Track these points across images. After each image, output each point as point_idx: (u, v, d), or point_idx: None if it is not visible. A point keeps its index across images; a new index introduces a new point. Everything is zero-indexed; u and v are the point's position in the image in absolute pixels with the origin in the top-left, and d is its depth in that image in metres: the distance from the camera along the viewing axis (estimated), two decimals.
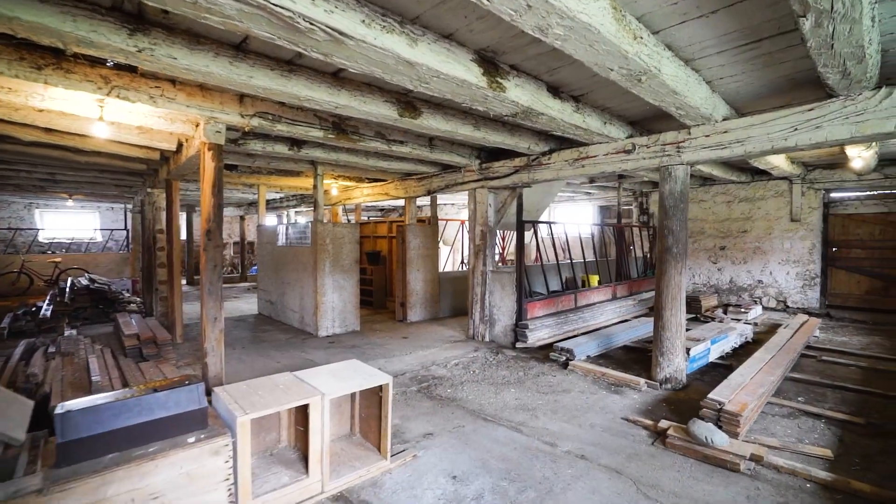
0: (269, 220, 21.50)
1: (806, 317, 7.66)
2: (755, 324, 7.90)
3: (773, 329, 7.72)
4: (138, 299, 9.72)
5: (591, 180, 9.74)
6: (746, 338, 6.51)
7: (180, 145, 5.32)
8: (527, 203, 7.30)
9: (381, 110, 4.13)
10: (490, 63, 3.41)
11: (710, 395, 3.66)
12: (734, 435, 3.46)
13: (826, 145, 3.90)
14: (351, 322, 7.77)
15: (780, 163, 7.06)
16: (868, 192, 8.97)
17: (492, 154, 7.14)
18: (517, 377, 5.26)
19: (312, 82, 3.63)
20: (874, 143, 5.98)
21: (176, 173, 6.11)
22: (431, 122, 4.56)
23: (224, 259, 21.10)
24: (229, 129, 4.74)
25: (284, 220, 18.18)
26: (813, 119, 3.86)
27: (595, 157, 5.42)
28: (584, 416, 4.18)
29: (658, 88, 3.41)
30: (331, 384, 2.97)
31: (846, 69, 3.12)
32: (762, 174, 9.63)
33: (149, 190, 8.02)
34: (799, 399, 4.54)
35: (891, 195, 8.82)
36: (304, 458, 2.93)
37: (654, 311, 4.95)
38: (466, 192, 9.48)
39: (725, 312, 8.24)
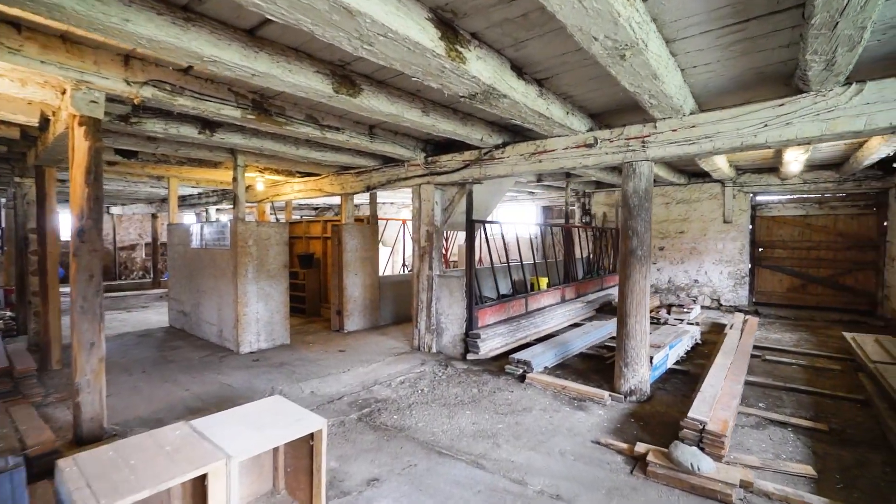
0: (188, 218, 19.38)
1: (743, 315, 7.88)
2: (697, 323, 8.00)
3: (715, 329, 7.86)
4: (9, 313, 7.99)
5: (539, 179, 9.48)
6: (696, 340, 6.47)
7: (46, 120, 4.15)
8: (475, 201, 6.79)
9: (311, 83, 3.36)
10: (448, 27, 2.79)
11: (690, 414, 3.32)
12: (718, 458, 3.13)
13: (794, 143, 3.73)
14: (279, 335, 6.80)
15: (722, 164, 7.15)
16: (789, 196, 9.53)
17: (439, 147, 6.54)
18: (471, 395, 4.70)
19: (220, 38, 2.80)
20: (809, 147, 6.14)
21: (47, 157, 4.85)
22: (373, 103, 3.86)
23: (134, 262, 18.76)
24: (113, 100, 3.71)
25: (204, 219, 16.41)
26: (783, 115, 3.67)
27: (553, 151, 5.00)
28: (551, 440, 3.70)
29: (639, 69, 2.98)
30: (242, 438, 2.19)
31: (833, 58, 2.87)
32: (698, 176, 9.92)
33: (17, 179, 6.50)
34: (760, 405, 4.40)
35: (808, 199, 9.44)
36: None
37: (618, 318, 4.62)
38: (410, 189, 8.82)
39: (669, 312, 8.29)
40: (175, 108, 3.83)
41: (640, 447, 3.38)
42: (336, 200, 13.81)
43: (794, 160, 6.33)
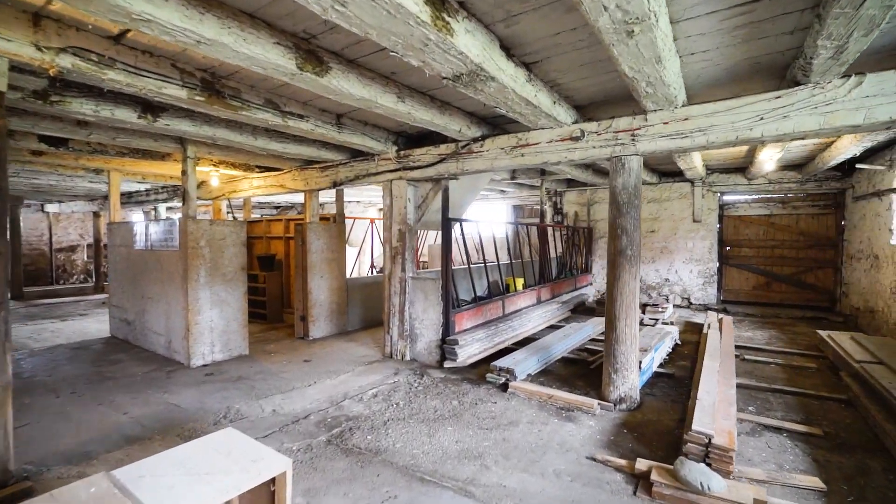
0: (137, 217, 18.00)
1: (717, 314, 7.90)
2: (672, 322, 7.97)
3: (689, 328, 7.84)
4: None
5: (513, 177, 9.24)
6: (675, 340, 6.37)
7: None
8: (450, 198, 6.42)
9: (271, 57, 2.88)
10: None
11: (694, 427, 3.07)
12: (726, 474, 2.90)
13: (791, 137, 3.58)
14: (236, 344, 6.18)
15: (698, 163, 7.11)
16: (755, 196, 9.72)
17: (411, 140, 6.13)
18: (452, 408, 4.32)
19: None
20: (784, 146, 6.15)
21: None
22: (343, 85, 3.41)
23: (75, 266, 17.24)
24: (23, 70, 3.08)
25: (153, 218, 15.23)
26: (780, 108, 3.51)
27: (537, 144, 4.70)
28: (544, 458, 3.37)
29: (644, 51, 2.70)
30: (181, 492, 1.72)
31: (845, 44, 2.69)
32: (668, 176, 9.97)
33: None
34: (750, 409, 4.26)
35: (772, 199, 9.66)
36: None
37: (606, 321, 4.37)
38: (376, 187, 8.36)
39: (644, 312, 8.22)
40: (105, 84, 3.23)
41: (641, 464, 3.11)
42: (299, 198, 13.11)
43: (769, 159, 6.34)
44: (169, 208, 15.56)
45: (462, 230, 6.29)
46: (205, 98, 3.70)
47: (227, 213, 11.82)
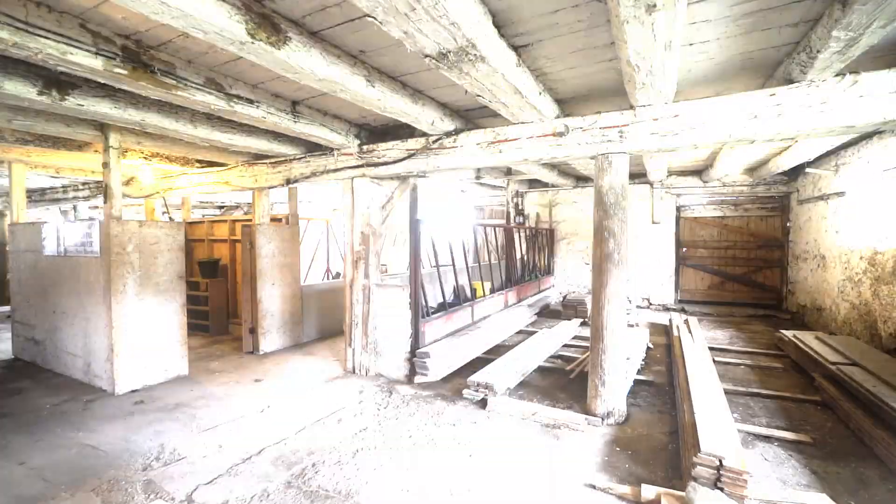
0: (54, 217, 16.00)
1: (680, 315, 7.97)
2: (637, 325, 7.95)
3: (654, 329, 7.83)
4: None
5: (477, 176, 8.91)
6: (648, 345, 6.27)
7: None
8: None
9: (213, 17, 2.30)
10: None
11: (704, 449, 2.82)
12: (740, 499, 2.66)
13: (782, 136, 3.44)
14: (174, 364, 5.37)
15: (665, 165, 7.09)
16: (709, 198, 10.00)
17: (374, 134, 5.61)
18: (428, 434, 3.86)
19: None
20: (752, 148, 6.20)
21: None
22: (305, 61, 2.87)
23: None
24: None
25: (74, 219, 13.56)
26: (774, 106, 3.36)
27: (516, 139, 4.35)
28: (540, 490, 3.00)
29: (658, 32, 2.39)
30: None
31: (859, 37, 2.53)
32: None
33: None
34: (735, 416, 4.13)
35: (725, 202, 9.97)
36: None
37: (592, 329, 4.09)
38: (339, 184, 7.74)
39: None
40: None
41: (648, 491, 2.82)
42: (246, 196, 12.10)
43: (735, 161, 6.40)
44: (92, 207, 13.95)
45: (430, 233, 5.85)
46: (128, 72, 3.02)
47: (163, 213, 10.64)
